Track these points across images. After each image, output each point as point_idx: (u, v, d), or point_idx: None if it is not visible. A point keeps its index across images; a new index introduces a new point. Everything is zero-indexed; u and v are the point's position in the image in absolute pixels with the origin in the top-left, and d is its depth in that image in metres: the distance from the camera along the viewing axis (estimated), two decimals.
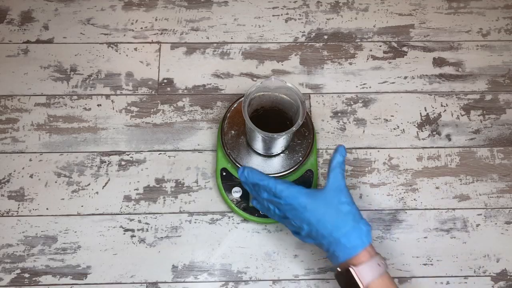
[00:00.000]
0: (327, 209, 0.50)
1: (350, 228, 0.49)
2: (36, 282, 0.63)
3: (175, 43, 0.74)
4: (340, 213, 0.50)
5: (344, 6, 0.78)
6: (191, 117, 0.71)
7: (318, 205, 0.50)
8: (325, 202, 0.50)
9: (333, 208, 0.50)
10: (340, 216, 0.49)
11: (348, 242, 0.49)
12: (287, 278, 0.64)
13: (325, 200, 0.50)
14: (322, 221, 0.49)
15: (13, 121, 0.70)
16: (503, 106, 0.73)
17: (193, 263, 0.64)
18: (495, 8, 0.78)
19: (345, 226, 0.49)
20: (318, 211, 0.50)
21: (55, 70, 0.72)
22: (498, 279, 0.64)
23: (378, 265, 0.48)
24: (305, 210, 0.50)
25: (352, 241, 0.49)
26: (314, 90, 0.73)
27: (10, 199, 0.66)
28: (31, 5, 0.76)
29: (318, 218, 0.50)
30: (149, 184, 0.67)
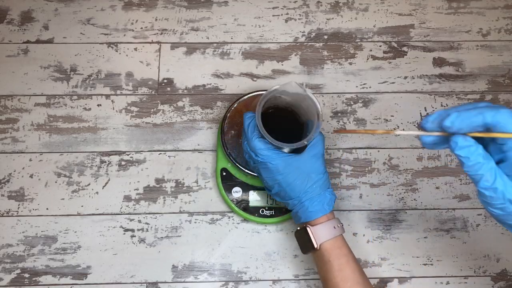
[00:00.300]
0: (299, 174, 0.53)
1: (316, 195, 0.54)
2: (36, 282, 0.63)
3: (175, 43, 0.74)
4: (310, 180, 0.54)
5: (344, 6, 0.78)
6: (191, 117, 0.71)
7: (291, 170, 0.53)
8: (298, 168, 0.53)
9: (304, 174, 0.54)
10: (309, 182, 0.54)
11: (311, 207, 0.54)
12: (287, 278, 0.64)
13: (299, 167, 0.54)
14: (292, 185, 0.54)
15: (13, 121, 0.70)
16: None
17: (193, 263, 0.64)
18: (495, 8, 0.78)
19: (311, 192, 0.54)
20: (290, 176, 0.53)
21: (55, 70, 0.72)
22: (498, 279, 0.64)
23: (333, 228, 0.53)
24: (278, 173, 0.53)
25: (315, 206, 0.54)
26: (314, 90, 0.72)
27: (10, 199, 0.66)
28: (31, 5, 0.76)
29: (289, 182, 0.53)
30: (149, 184, 0.67)
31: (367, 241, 0.66)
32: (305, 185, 0.54)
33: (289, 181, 0.53)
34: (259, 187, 0.64)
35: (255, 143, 0.54)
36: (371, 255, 0.65)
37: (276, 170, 0.53)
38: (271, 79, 0.73)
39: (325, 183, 0.55)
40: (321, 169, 0.55)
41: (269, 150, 0.54)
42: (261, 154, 0.54)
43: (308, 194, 0.54)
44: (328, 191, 0.55)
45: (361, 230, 0.66)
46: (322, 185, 0.55)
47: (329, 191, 0.55)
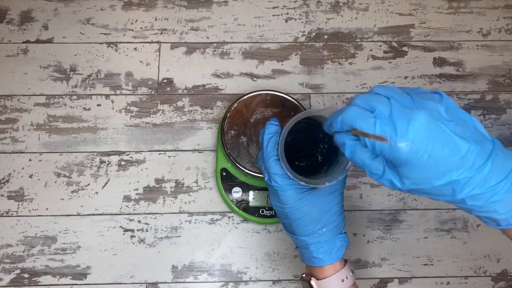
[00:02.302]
0: (309, 213, 0.46)
1: (324, 240, 0.47)
2: (36, 282, 0.63)
3: (175, 43, 0.74)
4: (320, 221, 0.47)
5: (344, 6, 0.77)
6: (191, 117, 0.71)
7: (301, 205, 0.46)
8: (310, 204, 0.46)
9: (315, 213, 0.46)
10: (319, 224, 0.47)
11: (316, 252, 0.47)
12: (287, 278, 0.64)
13: (311, 203, 0.46)
14: (298, 222, 0.47)
15: (13, 121, 0.69)
16: (503, 106, 0.73)
17: (193, 263, 0.64)
18: (495, 8, 0.78)
19: (320, 236, 0.47)
20: (299, 212, 0.46)
21: (55, 70, 0.72)
22: (499, 279, 0.64)
23: (341, 281, 0.46)
24: (287, 205, 0.46)
25: (320, 253, 0.47)
26: (314, 90, 0.72)
27: (10, 199, 0.66)
28: (31, 5, 0.76)
29: (296, 218, 0.47)
30: (149, 184, 0.67)
31: (367, 241, 0.66)
32: (313, 227, 0.47)
33: (296, 216, 0.47)
34: (259, 187, 0.64)
35: (271, 165, 0.46)
36: (372, 255, 0.65)
37: (286, 201, 0.46)
38: (271, 79, 0.73)
39: (337, 227, 0.48)
40: (337, 209, 0.48)
41: (283, 177, 0.46)
42: (274, 180, 0.46)
43: (315, 238, 0.47)
44: (340, 236, 0.48)
45: (361, 230, 0.66)
46: (334, 229, 0.47)
47: (341, 237, 0.48)
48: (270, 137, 0.47)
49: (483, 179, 0.34)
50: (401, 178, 0.35)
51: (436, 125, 0.33)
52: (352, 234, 0.66)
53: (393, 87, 0.37)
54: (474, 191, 0.34)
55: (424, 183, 0.34)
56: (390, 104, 0.35)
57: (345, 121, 0.36)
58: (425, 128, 0.33)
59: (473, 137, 0.34)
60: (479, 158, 0.33)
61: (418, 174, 0.34)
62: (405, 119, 0.33)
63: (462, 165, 0.33)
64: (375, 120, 0.34)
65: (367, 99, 0.36)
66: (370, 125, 0.34)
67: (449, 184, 0.34)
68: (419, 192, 0.36)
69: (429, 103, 0.35)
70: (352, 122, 0.36)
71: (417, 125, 0.33)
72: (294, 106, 0.65)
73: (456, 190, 0.34)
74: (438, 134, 0.33)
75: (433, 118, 0.33)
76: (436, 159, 0.33)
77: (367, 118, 0.35)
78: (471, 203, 0.35)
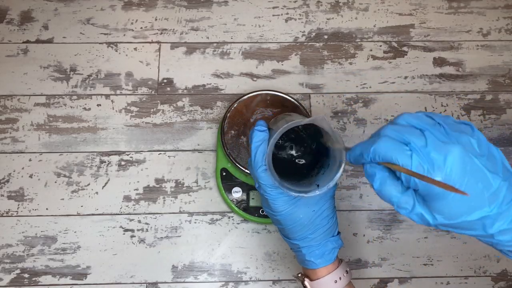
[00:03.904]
0: (300, 218, 0.46)
1: (316, 243, 0.47)
2: (36, 282, 0.63)
3: (175, 43, 0.74)
4: (312, 225, 0.47)
5: (344, 6, 0.77)
6: (191, 117, 0.71)
7: (292, 211, 0.46)
8: (301, 210, 0.46)
9: (306, 218, 0.46)
10: (310, 229, 0.47)
11: (309, 255, 0.47)
12: (287, 278, 0.64)
13: (302, 209, 0.46)
14: (290, 227, 0.47)
15: (13, 121, 0.69)
16: (503, 106, 0.73)
17: (193, 263, 0.64)
18: (495, 8, 0.78)
19: (312, 239, 0.47)
20: (290, 218, 0.46)
21: (55, 70, 0.72)
22: (499, 279, 0.64)
23: (334, 282, 0.47)
24: (277, 213, 0.46)
25: (313, 256, 0.47)
26: (314, 90, 0.72)
27: (10, 199, 0.66)
28: (31, 5, 0.76)
29: (287, 224, 0.47)
30: (149, 184, 0.67)
31: (367, 241, 0.66)
32: (304, 231, 0.47)
33: (287, 223, 0.47)
34: None
35: (260, 176, 0.45)
36: (371, 255, 0.65)
37: (276, 209, 0.46)
38: (271, 79, 0.73)
39: (329, 230, 0.48)
40: (327, 213, 0.47)
41: (273, 187, 0.45)
42: (264, 190, 0.46)
43: (307, 242, 0.47)
44: (332, 239, 0.48)
45: (361, 230, 0.66)
46: (326, 232, 0.48)
47: (333, 240, 0.48)
48: (258, 145, 0.45)
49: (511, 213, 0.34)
50: (433, 213, 0.34)
51: (471, 160, 0.33)
52: (352, 234, 0.66)
53: (421, 116, 0.36)
54: (504, 226, 0.34)
55: (456, 218, 0.34)
56: (425, 136, 0.34)
57: (378, 152, 0.35)
58: (460, 162, 0.32)
59: (502, 171, 0.34)
60: (509, 193, 0.33)
61: (451, 209, 0.34)
62: (442, 153, 0.33)
63: (494, 200, 0.33)
64: (411, 154, 0.33)
65: (399, 130, 0.35)
66: (406, 158, 0.33)
67: (480, 219, 0.34)
68: (448, 227, 0.35)
69: (463, 136, 0.34)
70: (386, 154, 0.34)
71: (453, 159, 0.32)
72: (294, 106, 0.65)
73: (486, 225, 0.34)
74: (473, 168, 0.33)
75: (467, 152, 0.33)
76: (470, 194, 0.33)
77: (403, 151, 0.34)
78: (499, 237, 0.35)
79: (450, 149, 0.33)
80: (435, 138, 0.34)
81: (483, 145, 0.34)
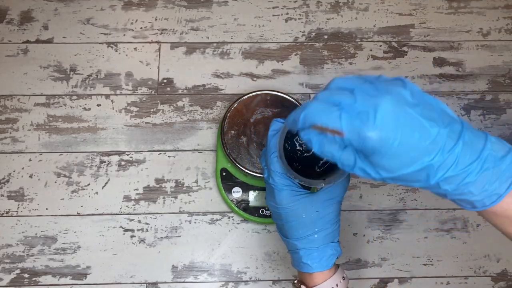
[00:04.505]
0: (302, 217, 0.46)
1: (314, 247, 0.46)
2: (36, 282, 0.63)
3: (175, 43, 0.74)
4: (313, 226, 0.46)
5: (344, 6, 0.77)
6: (191, 117, 0.71)
7: (295, 208, 0.46)
8: (304, 208, 0.46)
9: (309, 218, 0.46)
10: (310, 230, 0.46)
11: (306, 258, 0.46)
12: (287, 278, 0.64)
13: (306, 207, 0.46)
14: (290, 224, 0.46)
15: (13, 121, 0.69)
16: (503, 106, 0.73)
17: (193, 263, 0.64)
18: (495, 8, 0.78)
19: (311, 242, 0.46)
20: (291, 214, 0.46)
21: (55, 70, 0.72)
22: (499, 279, 0.64)
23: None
24: (280, 206, 0.46)
25: (309, 259, 0.46)
26: (314, 90, 0.72)
27: (10, 199, 0.66)
28: (31, 5, 0.76)
29: (288, 220, 0.46)
30: (149, 184, 0.67)
31: (367, 241, 0.66)
32: (304, 231, 0.46)
33: (289, 219, 0.46)
34: (259, 187, 0.64)
35: (272, 161, 0.45)
36: (371, 255, 0.65)
37: (280, 201, 0.46)
38: (271, 79, 0.73)
39: (330, 235, 0.47)
40: (331, 217, 0.46)
41: (282, 176, 0.45)
42: (272, 178, 0.46)
43: (306, 243, 0.46)
44: (332, 245, 0.47)
45: (361, 230, 0.66)
46: (326, 237, 0.46)
47: (333, 246, 0.47)
48: (274, 133, 0.46)
49: (455, 161, 0.33)
50: (374, 167, 0.34)
51: (403, 110, 0.32)
52: (352, 234, 0.66)
53: (352, 77, 0.36)
54: (447, 174, 0.33)
55: (397, 170, 0.33)
56: (355, 94, 0.33)
57: (307, 117, 0.35)
58: (392, 114, 0.32)
59: (441, 119, 0.33)
60: (449, 140, 0.33)
61: (391, 162, 0.33)
62: (371, 106, 0.32)
63: (434, 148, 0.32)
64: (340, 113, 0.33)
65: (329, 94, 0.35)
66: (335, 119, 0.33)
67: (423, 169, 0.33)
68: (394, 180, 0.35)
69: (393, 88, 0.33)
70: (314, 118, 0.34)
71: (384, 111, 0.32)
72: (294, 106, 0.65)
73: (430, 174, 0.33)
74: (406, 119, 0.32)
75: (399, 103, 0.32)
76: (407, 144, 0.32)
77: (331, 112, 0.34)
78: (445, 186, 0.34)
79: (379, 101, 0.32)
80: (364, 94, 0.33)
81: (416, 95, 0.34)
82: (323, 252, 0.46)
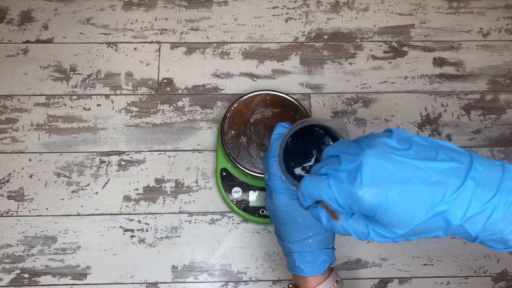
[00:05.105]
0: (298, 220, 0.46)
1: (308, 251, 0.47)
2: (36, 283, 0.63)
3: (175, 43, 0.74)
4: (308, 230, 0.47)
5: (344, 6, 0.77)
6: (191, 117, 0.71)
7: (291, 211, 0.46)
8: (300, 212, 0.46)
9: (304, 222, 0.46)
10: (305, 234, 0.47)
11: (299, 262, 0.47)
12: (287, 278, 0.64)
13: (302, 212, 0.46)
14: (285, 227, 0.47)
15: (13, 121, 0.69)
16: (503, 106, 0.73)
17: (193, 263, 0.64)
18: (495, 8, 0.78)
19: (305, 246, 0.47)
20: (287, 217, 0.46)
21: (55, 70, 0.72)
22: (499, 279, 0.64)
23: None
24: (278, 208, 0.47)
25: (303, 263, 0.47)
26: (314, 90, 0.72)
27: (10, 199, 0.66)
28: (31, 5, 0.76)
29: (284, 223, 0.47)
30: (149, 184, 0.67)
31: (367, 241, 0.66)
32: (299, 235, 0.47)
33: (284, 221, 0.47)
34: (259, 187, 0.64)
35: (271, 165, 0.46)
36: (371, 255, 0.65)
37: (277, 204, 0.46)
38: (271, 79, 0.73)
39: (325, 241, 0.47)
40: None
41: (281, 180, 0.46)
42: (271, 180, 0.46)
43: (300, 247, 0.47)
44: (325, 251, 0.47)
45: None
46: (321, 242, 0.47)
47: (326, 252, 0.47)
48: (277, 137, 0.47)
49: (471, 197, 0.30)
50: (386, 228, 0.32)
51: (391, 159, 0.30)
52: None
53: (340, 142, 0.35)
54: (468, 214, 0.30)
55: (409, 223, 0.30)
56: (339, 158, 0.33)
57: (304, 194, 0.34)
58: (378, 167, 0.30)
59: (441, 156, 0.31)
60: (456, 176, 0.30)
61: (397, 216, 0.30)
62: (355, 166, 0.31)
63: (439, 189, 0.30)
64: (329, 181, 0.32)
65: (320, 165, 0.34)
66: (325, 188, 0.32)
67: (437, 215, 0.30)
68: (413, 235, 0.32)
69: (376, 141, 0.32)
70: (311, 194, 0.34)
71: (368, 166, 0.30)
72: (294, 106, 0.65)
73: (447, 218, 0.30)
74: (397, 167, 0.30)
75: (383, 154, 0.30)
76: (406, 193, 0.30)
77: (320, 182, 0.33)
78: (471, 227, 0.31)
79: (361, 158, 0.31)
80: (348, 155, 0.32)
81: (406, 140, 0.32)
82: (317, 257, 0.47)
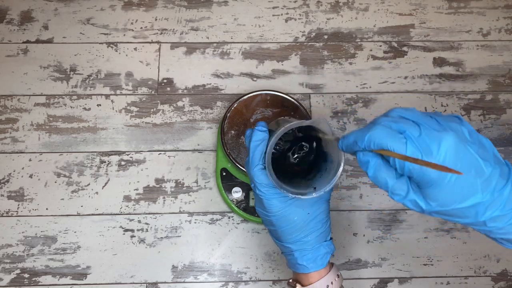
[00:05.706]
0: (294, 220, 0.46)
1: (309, 247, 0.47)
2: (36, 282, 0.63)
3: (175, 43, 0.74)
4: (305, 228, 0.47)
5: (344, 6, 0.77)
6: (191, 117, 0.71)
7: (286, 213, 0.46)
8: (295, 212, 0.46)
9: (300, 221, 0.46)
10: (304, 232, 0.47)
11: (301, 259, 0.47)
12: (287, 278, 0.64)
13: (297, 211, 0.46)
14: (283, 229, 0.47)
15: (13, 121, 0.69)
16: (503, 106, 0.73)
17: (193, 263, 0.64)
18: (495, 8, 0.78)
19: (305, 243, 0.47)
20: (283, 220, 0.46)
21: (55, 70, 0.72)
22: (499, 279, 0.64)
23: (326, 287, 0.47)
24: (271, 214, 0.46)
25: (305, 260, 0.47)
26: (314, 90, 0.72)
27: (10, 199, 0.66)
28: (31, 5, 0.76)
29: (281, 225, 0.47)
30: (149, 184, 0.67)
31: (367, 241, 0.66)
32: (298, 234, 0.47)
33: (281, 225, 0.46)
34: None
35: (256, 174, 0.45)
36: (371, 255, 0.65)
37: (270, 209, 0.46)
38: (271, 79, 0.73)
39: (322, 235, 0.48)
40: (322, 217, 0.47)
41: (269, 187, 0.45)
42: (259, 189, 0.45)
43: (300, 245, 0.47)
44: (325, 244, 0.48)
45: (361, 230, 0.66)
46: (319, 237, 0.47)
47: (326, 244, 0.48)
48: (257, 144, 0.45)
49: (504, 201, 0.34)
50: (426, 200, 0.35)
51: (464, 147, 0.33)
52: (352, 234, 0.66)
53: (414, 109, 0.37)
54: (496, 213, 0.34)
55: (450, 204, 0.34)
56: (419, 126, 0.35)
57: (373, 140, 0.35)
58: (454, 149, 0.33)
59: (493, 160, 0.34)
60: (500, 180, 0.34)
61: (445, 196, 0.34)
62: (436, 140, 0.33)
63: (486, 187, 0.33)
64: (406, 141, 0.34)
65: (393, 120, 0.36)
66: (401, 145, 0.34)
67: (473, 206, 0.34)
68: (442, 214, 0.36)
69: (454, 125, 0.35)
70: (381, 141, 0.35)
71: (448, 145, 0.33)
72: (294, 106, 0.65)
73: (479, 212, 0.34)
74: (466, 155, 0.33)
75: (460, 140, 0.33)
76: (463, 180, 0.33)
77: (398, 139, 0.34)
78: (491, 224, 0.35)
79: (444, 136, 0.33)
80: (429, 127, 0.34)
81: (473, 134, 0.35)
82: (317, 252, 0.47)
